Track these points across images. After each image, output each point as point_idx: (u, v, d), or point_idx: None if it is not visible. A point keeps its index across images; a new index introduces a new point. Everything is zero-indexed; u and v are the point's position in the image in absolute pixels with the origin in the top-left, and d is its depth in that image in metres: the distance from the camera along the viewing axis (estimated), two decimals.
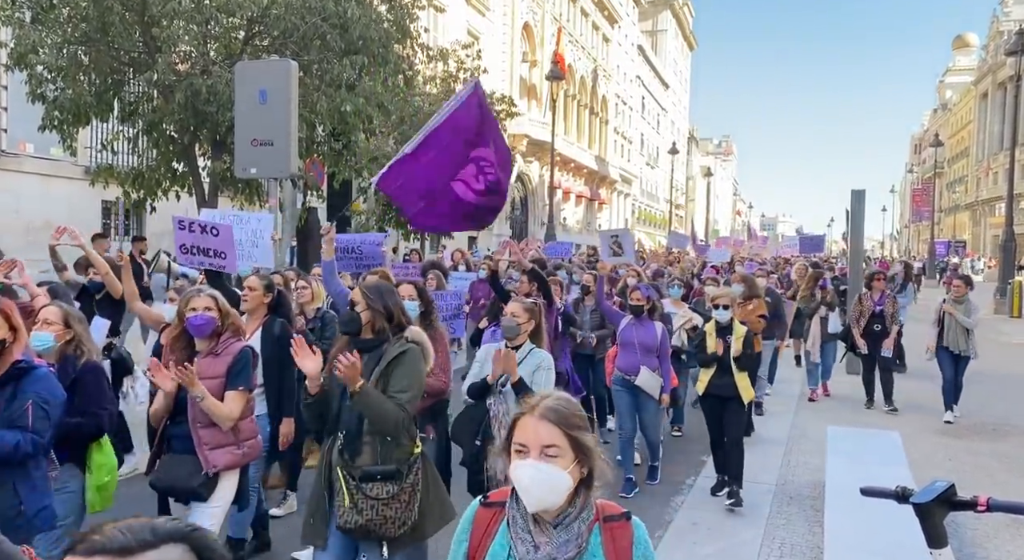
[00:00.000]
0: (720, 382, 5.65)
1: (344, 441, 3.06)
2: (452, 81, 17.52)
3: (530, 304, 4.24)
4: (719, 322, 5.73)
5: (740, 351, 5.58)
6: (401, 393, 3.02)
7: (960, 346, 8.18)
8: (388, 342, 3.15)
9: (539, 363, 4.02)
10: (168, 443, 3.56)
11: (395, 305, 3.21)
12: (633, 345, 5.91)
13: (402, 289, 4.37)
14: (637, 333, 5.93)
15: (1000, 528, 5.13)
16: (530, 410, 1.82)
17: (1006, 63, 51.52)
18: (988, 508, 1.92)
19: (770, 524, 5.29)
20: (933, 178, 60.90)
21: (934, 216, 55.91)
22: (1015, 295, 20.31)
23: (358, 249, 6.69)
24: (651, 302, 6.01)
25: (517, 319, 4.14)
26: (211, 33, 10.22)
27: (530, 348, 4.13)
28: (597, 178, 46.33)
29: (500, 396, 3.90)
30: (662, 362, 5.93)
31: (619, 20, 50.41)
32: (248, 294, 4.64)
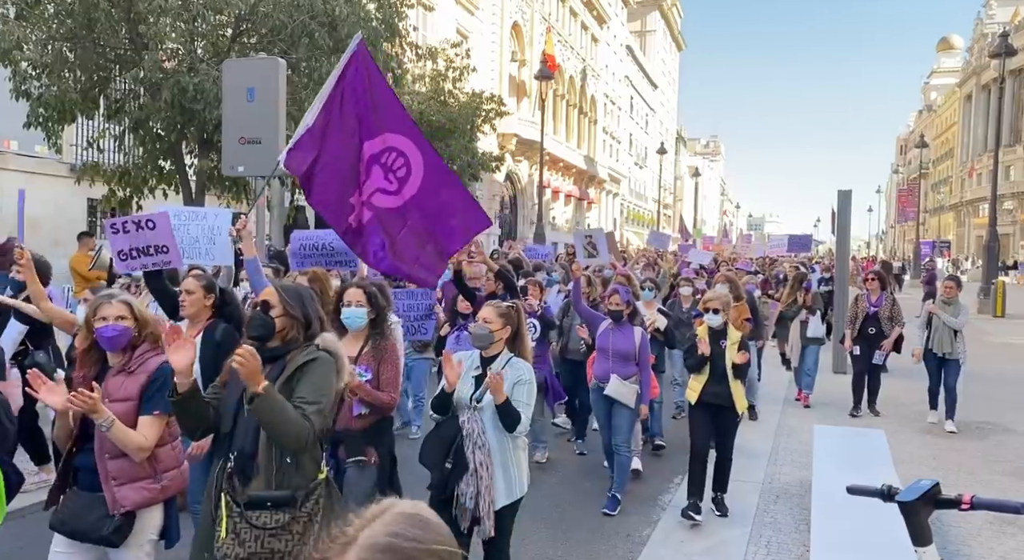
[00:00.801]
0: (715, 390, 5.30)
1: (235, 462, 2.64)
2: (441, 80, 17.50)
3: (506, 308, 3.71)
4: (711, 327, 5.41)
5: (744, 357, 5.26)
6: (306, 404, 2.59)
7: (944, 348, 7.89)
8: (295, 349, 2.75)
9: (519, 376, 3.55)
10: (73, 475, 3.00)
11: (315, 314, 2.83)
12: (607, 351, 5.62)
13: (349, 294, 4.01)
14: (614, 339, 5.63)
15: (983, 526, 5.18)
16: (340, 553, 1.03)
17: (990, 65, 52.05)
18: (972, 506, 1.95)
19: (757, 522, 5.32)
20: (918, 179, 61.42)
21: (919, 216, 56.37)
22: (998, 295, 20.54)
23: (328, 246, 6.21)
24: (631, 307, 5.73)
25: (490, 326, 3.62)
26: (198, 30, 10.16)
27: (508, 358, 3.63)
28: (586, 177, 46.40)
29: (474, 412, 3.48)
30: (642, 370, 5.60)
31: (608, 20, 50.49)
32: (185, 298, 4.15)
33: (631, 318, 5.71)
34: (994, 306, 20.38)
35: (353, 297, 4.04)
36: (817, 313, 9.15)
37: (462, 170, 17.47)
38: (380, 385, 3.94)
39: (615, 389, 5.49)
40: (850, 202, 12.16)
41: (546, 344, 6.65)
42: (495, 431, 3.47)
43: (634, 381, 5.55)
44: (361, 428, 3.93)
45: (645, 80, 65.44)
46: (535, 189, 30.53)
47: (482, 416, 3.48)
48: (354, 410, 3.86)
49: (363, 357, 3.98)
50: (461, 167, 17.39)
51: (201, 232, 5.99)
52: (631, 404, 5.52)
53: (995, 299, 20.50)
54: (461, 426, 3.48)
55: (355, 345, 4.01)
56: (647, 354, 5.67)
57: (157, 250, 4.76)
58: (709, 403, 5.33)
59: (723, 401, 5.28)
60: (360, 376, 3.87)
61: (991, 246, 22.17)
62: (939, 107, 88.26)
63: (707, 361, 5.27)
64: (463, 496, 3.41)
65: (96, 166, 11.57)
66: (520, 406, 3.47)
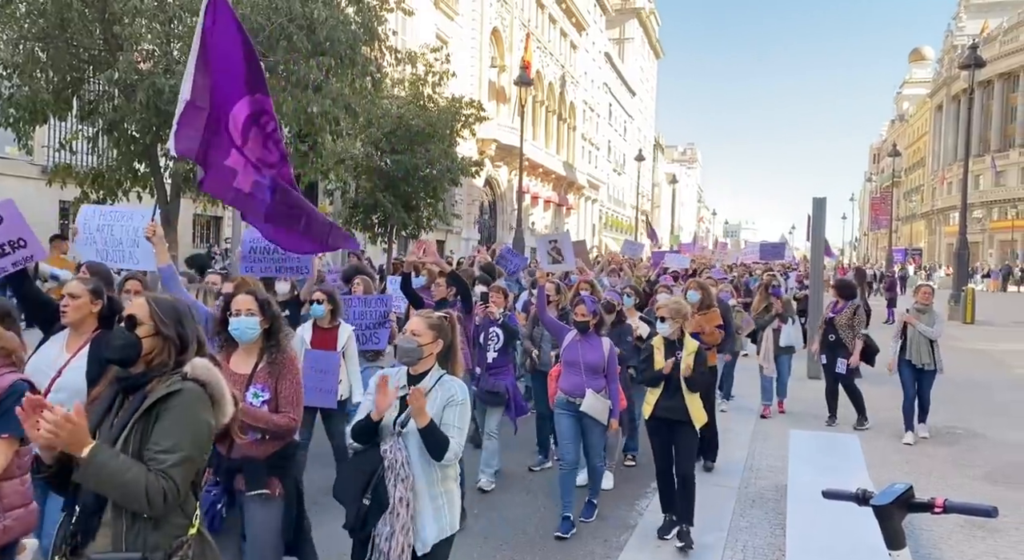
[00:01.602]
0: (668, 404, 5.05)
1: (77, 519, 2.14)
2: (421, 84, 17.47)
3: (437, 319, 3.28)
4: (667, 338, 5.18)
5: (691, 369, 5.00)
6: (164, 454, 2.09)
7: (923, 359, 7.64)
8: (158, 377, 2.24)
9: (450, 396, 3.14)
10: None
11: (193, 334, 2.36)
12: (578, 365, 5.32)
13: (237, 301, 3.50)
14: (582, 351, 5.34)
15: (954, 530, 5.26)
16: None
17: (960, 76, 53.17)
18: (945, 509, 1.98)
19: (733, 527, 5.36)
20: (891, 187, 62.46)
21: (892, 224, 57.31)
22: (968, 302, 20.93)
23: (279, 249, 5.78)
24: (597, 317, 5.43)
25: (418, 339, 3.19)
26: (174, 32, 10.04)
27: (439, 376, 3.23)
28: (565, 183, 46.57)
29: (399, 440, 3.07)
30: (610, 382, 5.36)
31: (587, 27, 50.79)
32: (69, 303, 3.64)
33: (597, 329, 5.45)
34: (964, 313, 20.76)
35: (241, 304, 3.49)
36: (789, 321, 8.86)
37: (441, 175, 17.45)
38: (279, 405, 3.44)
39: (591, 405, 5.21)
40: (824, 210, 12.33)
41: (509, 354, 6.29)
42: (422, 460, 3.07)
43: (604, 395, 5.33)
44: (263, 455, 3.42)
45: (623, 87, 65.89)
46: (514, 194, 30.57)
47: (407, 443, 3.07)
48: (250, 435, 3.34)
49: (258, 375, 3.47)
50: (441, 172, 17.36)
51: (125, 234, 5.56)
52: (604, 420, 5.29)
53: (965, 306, 20.89)
54: (383, 456, 3.05)
55: (248, 361, 3.52)
56: (615, 366, 5.42)
57: (13, 246, 4.07)
58: (663, 418, 5.10)
59: (678, 415, 5.03)
60: (256, 396, 3.42)
61: (961, 254, 22.60)
62: (911, 117, 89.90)
63: (663, 376, 5.05)
64: (379, 537, 3.03)
65: (68, 168, 11.38)
66: (450, 431, 3.07)
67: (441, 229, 23.46)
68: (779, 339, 8.81)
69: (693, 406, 5.04)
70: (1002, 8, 68.30)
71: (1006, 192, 59.68)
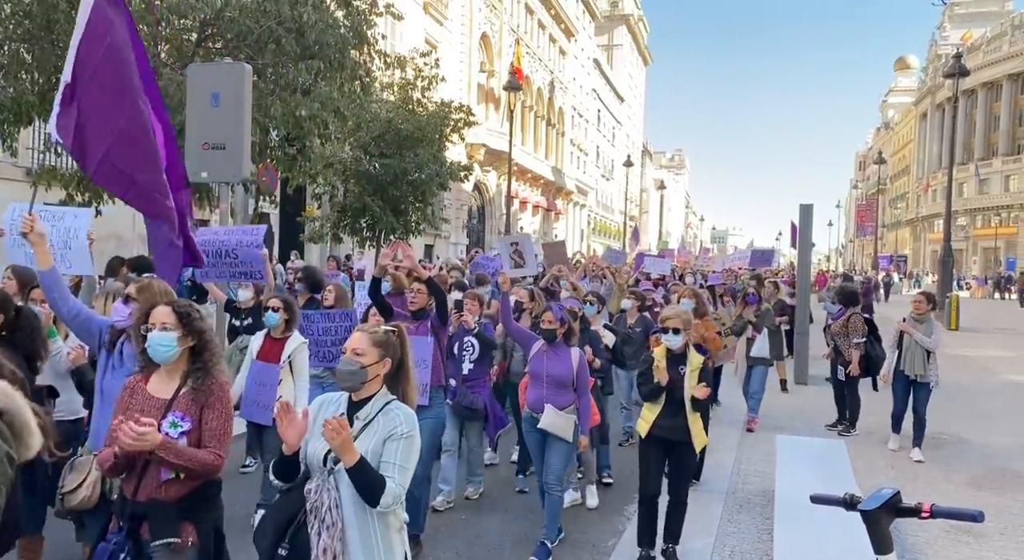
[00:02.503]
0: (669, 423, 4.63)
1: None
2: (410, 88, 17.46)
3: (383, 334, 2.78)
4: (670, 349, 4.74)
5: (707, 391, 4.60)
6: None
7: (916, 370, 7.31)
8: None
9: (393, 428, 2.62)
10: None
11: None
12: (541, 377, 4.94)
13: (155, 314, 2.98)
14: (548, 363, 4.93)
15: (940, 535, 5.29)
16: None
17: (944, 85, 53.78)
18: (932, 514, 1.98)
19: (721, 532, 5.36)
20: (876, 194, 63.02)
21: (877, 231, 57.81)
22: (952, 308, 21.13)
23: (233, 252, 5.42)
24: (566, 326, 5.04)
25: (361, 359, 2.68)
26: (162, 34, 9.99)
27: (384, 402, 2.71)
28: (553, 189, 46.66)
29: (328, 479, 2.57)
30: (580, 397, 4.94)
31: (576, 33, 51.00)
32: None
33: (567, 338, 5.04)
34: (948, 319, 20.95)
35: (157, 317, 2.97)
36: (764, 331, 8.47)
37: (430, 179, 17.43)
38: (202, 438, 2.91)
39: (550, 421, 4.82)
40: (811, 216, 12.40)
41: (486, 365, 5.93)
42: (355, 505, 2.57)
43: (571, 411, 4.90)
44: (175, 498, 2.88)
45: (612, 93, 66.18)
46: (503, 199, 30.58)
47: (338, 483, 2.57)
48: (162, 475, 2.85)
49: (179, 401, 2.94)
50: (429, 176, 17.34)
51: (56, 235, 5.18)
52: (568, 437, 4.86)
53: (949, 312, 21.08)
54: (306, 497, 2.56)
55: (170, 385, 2.99)
56: (586, 379, 5.01)
57: None
58: (662, 438, 4.66)
59: (678, 436, 4.62)
60: (174, 426, 2.87)
61: (946, 261, 22.82)
62: (896, 125, 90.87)
63: (663, 390, 4.62)
64: None
65: (53, 170, 11.28)
66: (389, 470, 2.56)
67: (429, 233, 23.44)
68: (750, 350, 8.40)
69: (695, 426, 4.65)
70: (985, 18, 69.28)
71: (989, 200, 60.42)
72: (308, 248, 20.88)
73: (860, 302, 8.73)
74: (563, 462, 4.93)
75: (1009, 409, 10.25)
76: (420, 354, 4.60)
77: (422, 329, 4.93)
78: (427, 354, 4.79)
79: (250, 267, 5.46)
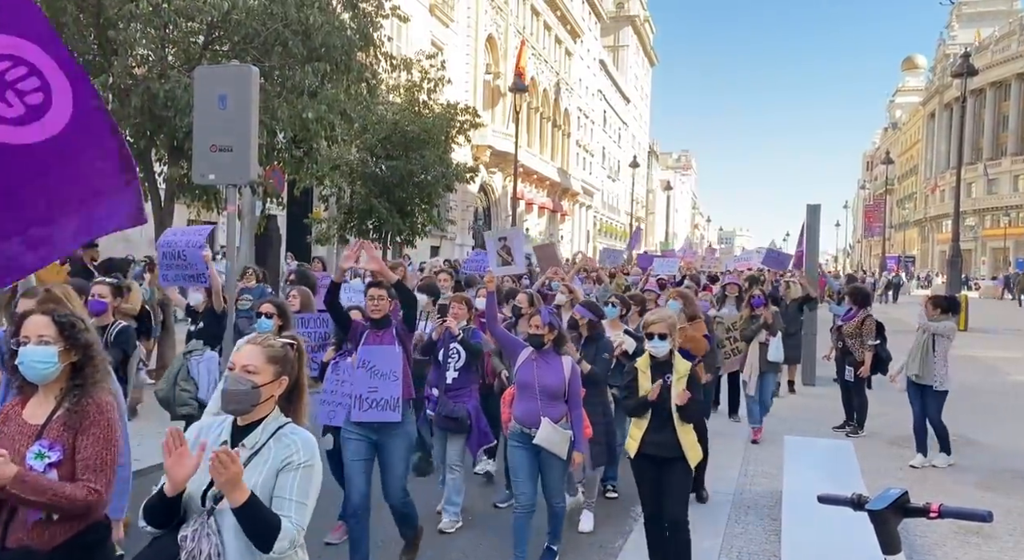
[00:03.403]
0: (658, 439, 4.25)
1: None
2: (416, 90, 17.51)
3: (280, 348, 2.32)
4: (654, 357, 4.35)
5: (685, 396, 4.21)
6: None
7: (913, 370, 7.17)
8: None
9: (289, 457, 2.20)
10: None
11: None
12: (532, 388, 4.50)
13: (27, 325, 2.49)
14: (538, 372, 4.51)
15: (949, 536, 5.26)
16: None
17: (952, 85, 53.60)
18: (940, 515, 1.97)
19: (728, 533, 5.34)
20: (884, 195, 62.78)
21: (885, 232, 57.60)
22: (961, 309, 21.02)
23: (182, 254, 5.08)
24: (555, 331, 4.60)
25: (254, 377, 2.23)
26: (170, 37, 10.03)
27: (277, 426, 2.28)
28: (559, 190, 46.67)
29: (209, 522, 2.13)
30: (571, 409, 4.54)
31: (581, 35, 51.00)
32: None
33: (556, 345, 4.60)
34: (957, 320, 20.83)
35: (31, 329, 2.47)
36: (779, 334, 7.90)
37: (436, 180, 17.47)
38: (75, 470, 2.38)
39: (547, 437, 4.41)
40: (819, 216, 12.37)
41: (473, 373, 5.49)
42: (242, 552, 2.12)
43: (565, 424, 4.51)
44: (48, 545, 2.35)
45: (618, 94, 66.14)
46: (509, 201, 30.60)
47: (220, 526, 2.12)
48: (29, 516, 2.35)
49: (51, 427, 2.42)
50: (435, 177, 17.38)
51: None
52: (563, 453, 4.47)
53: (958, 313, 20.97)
54: (180, 544, 2.10)
55: (45, 407, 2.48)
56: (578, 389, 4.60)
57: None
58: (652, 455, 4.29)
59: (669, 451, 4.24)
60: (40, 457, 2.36)
61: (954, 261, 22.71)
62: (904, 125, 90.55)
63: (649, 404, 4.26)
64: None
65: None
66: (284, 507, 2.14)
67: (436, 235, 23.49)
68: (765, 354, 7.76)
69: (687, 439, 4.26)
70: (994, 17, 68.98)
71: (998, 200, 60.14)
72: (315, 250, 20.94)
73: (872, 303, 8.63)
74: (560, 480, 4.65)
75: (1018, 410, 10.20)
76: (388, 365, 4.36)
77: (387, 338, 4.49)
78: (396, 365, 4.37)
79: (195, 269, 5.13)
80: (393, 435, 4.43)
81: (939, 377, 7.06)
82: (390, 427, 4.39)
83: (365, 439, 4.45)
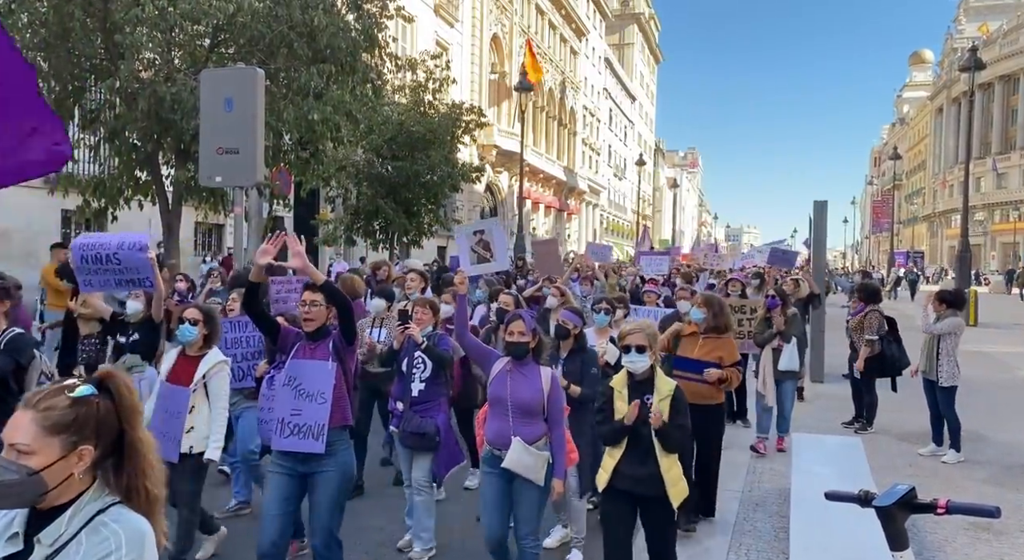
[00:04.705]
0: (635, 472, 3.58)
1: None
2: (421, 91, 17.54)
3: (66, 409, 1.60)
4: (632, 374, 3.71)
5: (665, 420, 3.53)
6: None
7: (922, 365, 7.30)
8: None
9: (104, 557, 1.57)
10: None
11: None
12: (504, 404, 3.88)
13: None
14: (512, 385, 3.88)
15: (958, 533, 5.24)
16: None
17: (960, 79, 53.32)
18: (948, 510, 1.97)
19: (737, 531, 5.34)
20: (892, 190, 62.46)
21: (893, 227, 57.31)
22: (971, 304, 20.90)
23: (114, 257, 4.68)
24: (538, 338, 4.01)
25: (29, 461, 1.56)
26: (175, 40, 10.09)
27: (94, 511, 1.63)
28: (566, 189, 46.64)
29: None
30: (552, 428, 3.90)
31: (586, 33, 50.95)
32: None
33: (535, 355, 4.01)
34: (967, 315, 20.73)
35: None
36: (793, 340, 7.37)
37: (442, 181, 17.49)
38: None
39: (517, 460, 3.78)
40: (826, 213, 12.31)
41: (441, 385, 4.91)
42: None
43: (543, 446, 3.86)
44: None
45: (624, 92, 66.04)
46: (515, 200, 30.59)
47: None
48: None
49: None
50: (441, 178, 17.40)
51: None
52: (538, 479, 3.81)
53: (968, 308, 20.85)
54: None
55: None
56: (560, 405, 3.96)
57: None
58: (628, 491, 3.61)
59: (649, 488, 3.56)
60: None
61: (963, 256, 22.58)
62: (911, 120, 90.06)
63: (628, 430, 3.61)
64: None
65: (70, 177, 11.42)
66: None
67: (442, 235, 23.50)
68: (778, 361, 7.31)
69: (670, 474, 3.57)
70: (1002, 10, 68.48)
71: (1007, 194, 59.71)
72: (322, 250, 21.00)
73: (881, 299, 8.63)
74: (536, 513, 3.89)
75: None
76: (316, 384, 3.76)
77: (320, 352, 3.84)
78: (325, 385, 3.77)
79: (136, 273, 4.62)
80: (322, 469, 3.78)
81: (944, 373, 7.11)
82: (318, 459, 3.76)
83: (289, 473, 3.82)
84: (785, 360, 7.30)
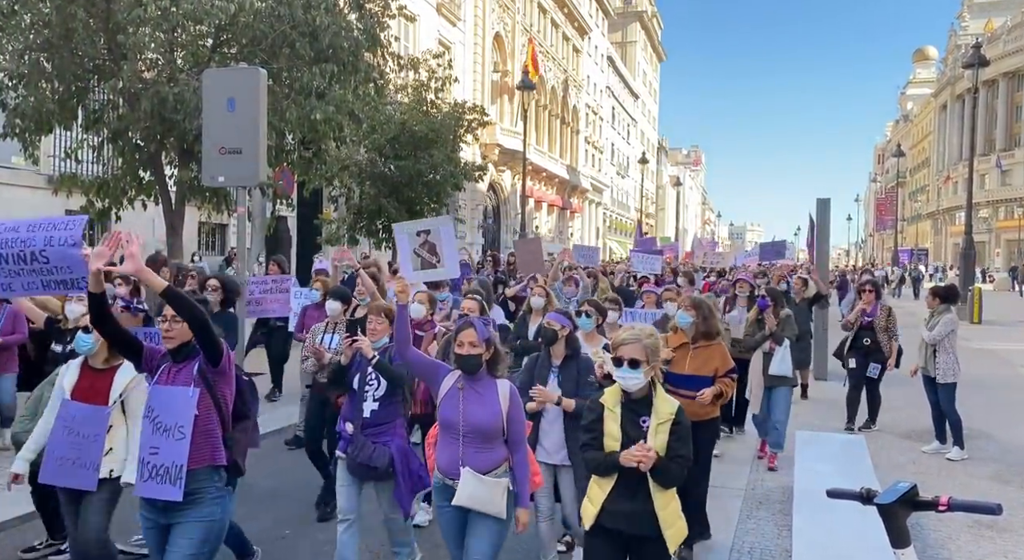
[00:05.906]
0: (625, 508, 3.01)
1: None
2: (423, 90, 17.54)
3: None
4: (627, 393, 3.11)
5: (651, 458, 2.90)
6: None
7: (921, 362, 7.37)
8: None
9: None
10: None
11: None
12: (455, 427, 3.38)
13: None
14: (464, 404, 3.38)
15: (962, 530, 5.24)
16: None
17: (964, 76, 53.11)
18: (949, 508, 1.98)
19: (740, 529, 5.34)
20: (896, 187, 62.32)
21: (897, 225, 57.18)
22: (975, 302, 20.85)
23: (42, 255, 3.77)
24: (492, 348, 3.47)
25: None
26: (178, 41, 10.10)
27: None
28: (568, 187, 46.62)
29: None
30: (513, 452, 3.43)
31: (589, 31, 50.89)
32: None
33: (492, 368, 3.48)
34: (971, 313, 20.68)
35: None
36: (786, 343, 6.73)
37: (445, 180, 17.50)
38: None
39: (470, 494, 3.29)
40: (829, 211, 12.31)
41: (396, 405, 4.21)
42: None
43: (502, 472, 3.39)
44: None
45: (626, 90, 65.98)
46: (518, 199, 30.58)
47: None
48: None
49: None
50: (444, 177, 17.41)
51: None
52: (498, 511, 3.33)
53: (972, 306, 20.81)
54: None
55: None
56: (521, 424, 3.47)
57: None
58: (615, 530, 3.05)
59: (640, 527, 3.01)
60: None
61: (968, 254, 22.53)
62: (915, 117, 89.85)
63: (617, 461, 2.99)
64: None
65: (74, 177, 11.46)
66: None
67: None
68: (769, 366, 6.66)
69: (667, 510, 3.02)
70: (1006, 7, 68.22)
71: (1012, 191, 59.56)
72: (325, 250, 21.02)
73: (881, 295, 8.64)
74: (492, 548, 3.36)
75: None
76: (174, 416, 3.09)
77: (183, 375, 3.17)
78: (183, 417, 3.09)
79: (68, 273, 3.67)
80: (183, 520, 3.11)
81: (941, 370, 7.16)
82: (177, 509, 3.09)
83: (152, 525, 3.19)
84: (776, 364, 6.63)
